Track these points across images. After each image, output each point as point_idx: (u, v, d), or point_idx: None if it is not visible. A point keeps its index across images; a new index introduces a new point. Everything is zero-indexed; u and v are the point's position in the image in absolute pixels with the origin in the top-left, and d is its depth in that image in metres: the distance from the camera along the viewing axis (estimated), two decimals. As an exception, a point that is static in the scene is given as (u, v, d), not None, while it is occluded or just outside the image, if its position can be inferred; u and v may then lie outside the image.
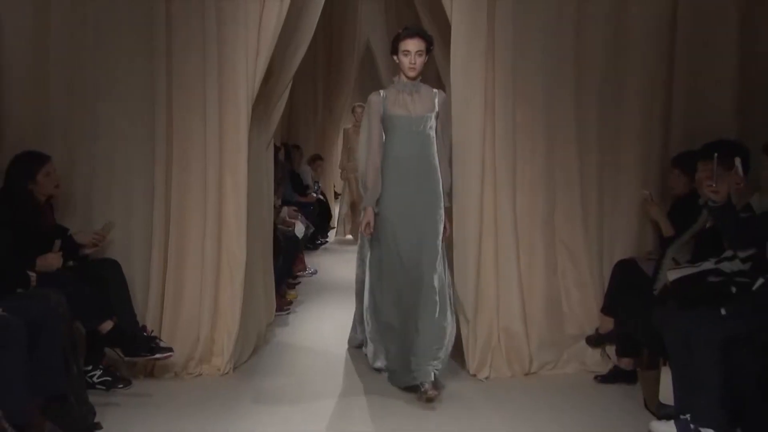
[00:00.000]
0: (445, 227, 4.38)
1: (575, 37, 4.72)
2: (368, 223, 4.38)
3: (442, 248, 4.33)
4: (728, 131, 4.57)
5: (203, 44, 4.60)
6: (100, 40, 4.64)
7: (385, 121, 4.38)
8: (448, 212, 4.48)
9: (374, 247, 4.49)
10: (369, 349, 4.72)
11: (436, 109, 4.37)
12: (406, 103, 4.35)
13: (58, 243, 4.22)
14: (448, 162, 4.48)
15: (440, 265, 4.29)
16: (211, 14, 4.59)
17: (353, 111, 10.45)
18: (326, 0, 5.02)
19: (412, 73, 4.33)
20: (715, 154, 3.63)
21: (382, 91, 4.46)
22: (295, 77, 5.17)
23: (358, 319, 5.03)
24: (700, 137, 4.43)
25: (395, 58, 4.38)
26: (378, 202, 4.38)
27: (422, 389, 4.13)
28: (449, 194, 4.48)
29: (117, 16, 4.63)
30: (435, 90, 4.45)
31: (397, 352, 4.41)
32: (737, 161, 3.74)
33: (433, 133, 4.37)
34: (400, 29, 4.40)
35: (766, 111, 4.76)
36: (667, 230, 4.53)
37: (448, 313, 4.28)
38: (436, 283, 4.24)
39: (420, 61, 4.31)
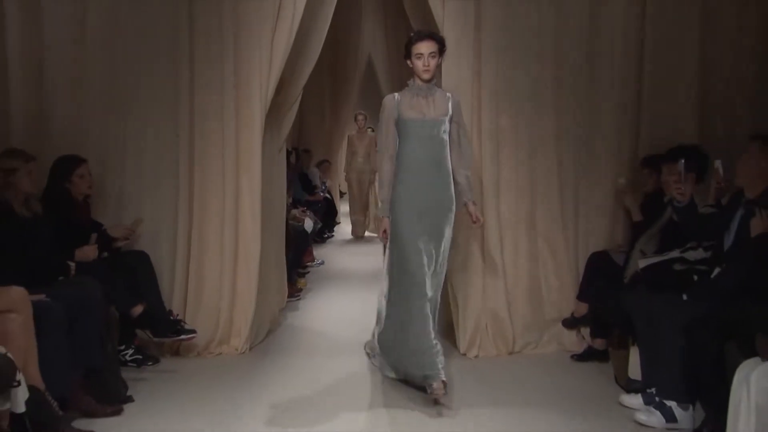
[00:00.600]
0: (476, 218, 4.07)
1: (554, 51, 4.71)
2: (384, 231, 4.02)
3: (447, 250, 4.01)
4: (689, 134, 4.60)
5: (222, 59, 4.63)
6: (130, 54, 4.65)
7: (399, 125, 3.98)
8: (474, 207, 4.11)
9: (391, 248, 4.07)
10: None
11: (450, 112, 3.98)
12: (421, 106, 3.96)
13: (94, 236, 4.27)
14: (468, 162, 4.11)
15: (441, 267, 3.98)
16: (228, 32, 4.62)
17: (355, 119, 10.49)
18: (332, 20, 5.03)
19: (426, 76, 3.92)
20: (682, 160, 3.64)
21: (396, 94, 4.03)
22: (305, 88, 5.18)
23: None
24: (666, 140, 4.46)
25: (409, 62, 3.96)
26: (391, 203, 4.00)
27: (428, 389, 3.78)
28: (472, 190, 4.11)
29: (145, 30, 4.64)
30: (448, 94, 4.06)
31: (399, 347, 3.99)
32: (717, 163, 3.75)
33: (446, 137, 3.98)
34: (412, 32, 4.05)
35: (726, 115, 4.78)
36: (636, 216, 4.57)
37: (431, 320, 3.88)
38: (432, 288, 3.90)
39: (433, 62, 3.91)
